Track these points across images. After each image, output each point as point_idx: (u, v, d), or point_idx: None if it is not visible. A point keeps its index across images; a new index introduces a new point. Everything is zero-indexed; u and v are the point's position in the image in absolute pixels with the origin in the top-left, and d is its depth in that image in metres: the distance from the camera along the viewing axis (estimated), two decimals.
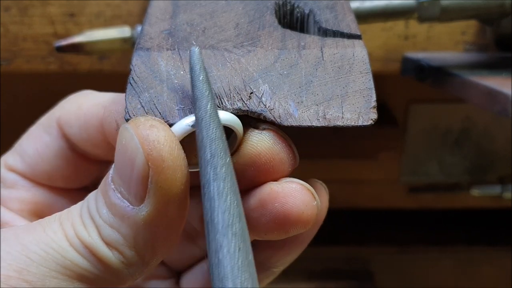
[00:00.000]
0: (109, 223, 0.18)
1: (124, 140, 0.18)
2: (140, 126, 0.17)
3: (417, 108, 0.46)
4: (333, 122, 0.19)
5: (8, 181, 0.24)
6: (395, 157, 0.48)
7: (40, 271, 0.18)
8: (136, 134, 0.17)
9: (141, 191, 0.18)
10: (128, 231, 0.18)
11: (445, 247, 0.55)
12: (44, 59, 0.36)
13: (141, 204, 0.18)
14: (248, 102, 0.19)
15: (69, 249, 0.18)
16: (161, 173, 0.17)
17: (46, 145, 0.24)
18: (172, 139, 0.17)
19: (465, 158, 0.48)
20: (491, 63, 0.35)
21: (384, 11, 0.31)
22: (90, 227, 0.18)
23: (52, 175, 0.24)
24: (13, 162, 0.24)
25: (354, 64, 0.20)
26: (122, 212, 0.18)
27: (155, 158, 0.17)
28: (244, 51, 0.21)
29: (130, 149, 0.17)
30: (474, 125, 0.47)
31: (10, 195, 0.24)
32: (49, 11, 0.35)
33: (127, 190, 0.18)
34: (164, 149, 0.17)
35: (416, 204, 0.51)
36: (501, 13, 0.31)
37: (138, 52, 0.20)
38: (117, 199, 0.18)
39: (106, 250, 0.18)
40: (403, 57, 0.36)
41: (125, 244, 0.18)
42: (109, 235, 0.18)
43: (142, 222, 0.18)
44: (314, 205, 0.19)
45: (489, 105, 0.28)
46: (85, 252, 0.18)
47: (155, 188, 0.17)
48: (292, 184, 0.19)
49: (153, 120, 0.18)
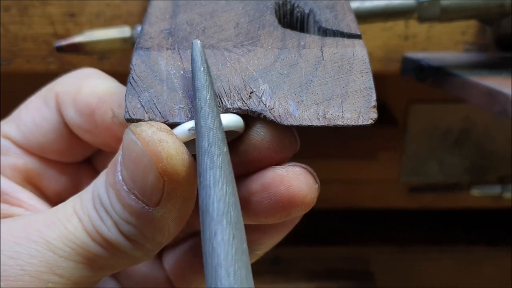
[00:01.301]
0: (126, 220, 0.19)
1: (135, 154, 0.18)
2: (150, 143, 0.18)
3: (417, 108, 0.46)
4: (333, 122, 0.19)
5: (1, 148, 0.25)
6: (395, 157, 0.48)
7: (68, 265, 0.19)
8: (147, 151, 0.18)
9: (156, 197, 0.18)
10: (146, 227, 0.19)
11: (445, 247, 0.55)
12: (44, 59, 0.36)
13: (157, 206, 0.19)
14: (248, 101, 0.19)
15: (91, 243, 0.19)
16: (177, 185, 0.18)
17: (43, 117, 0.24)
18: (181, 149, 0.18)
19: (465, 158, 0.48)
20: (491, 63, 0.35)
21: (384, 11, 0.31)
22: (108, 222, 0.19)
23: (45, 146, 0.25)
24: (8, 130, 0.25)
25: (354, 63, 0.20)
26: (139, 212, 0.19)
27: (170, 173, 0.18)
28: (244, 51, 0.21)
29: (143, 164, 0.18)
30: (474, 125, 0.47)
31: (3, 161, 0.24)
32: (49, 11, 0.35)
33: (142, 194, 0.19)
34: (178, 163, 0.18)
35: (416, 204, 0.51)
36: (501, 13, 0.31)
37: (138, 51, 0.20)
38: (132, 201, 0.19)
39: (126, 243, 0.19)
40: (403, 57, 0.36)
41: (143, 236, 0.19)
42: (127, 231, 0.19)
43: (159, 218, 0.19)
44: (316, 188, 0.20)
45: (489, 105, 0.28)
46: (107, 246, 0.19)
47: (171, 195, 0.18)
48: (296, 168, 0.20)
49: (160, 132, 0.18)
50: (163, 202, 0.18)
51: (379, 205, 0.51)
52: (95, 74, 0.24)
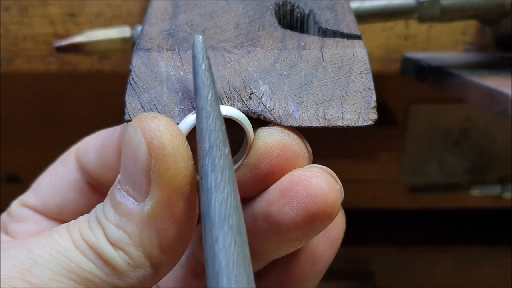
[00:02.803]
0: (114, 222, 0.18)
1: (128, 135, 0.18)
2: (143, 119, 0.18)
3: (417, 108, 0.46)
4: (333, 123, 0.19)
5: (18, 216, 0.24)
6: (395, 157, 0.48)
7: (44, 274, 0.18)
8: (138, 126, 0.17)
9: (144, 184, 0.18)
10: (134, 228, 0.18)
11: (445, 247, 0.55)
12: (44, 59, 0.36)
13: (145, 199, 0.18)
14: (248, 102, 0.19)
15: (74, 252, 0.18)
16: (162, 161, 0.17)
17: (60, 178, 0.24)
18: (173, 128, 0.17)
19: (465, 158, 0.48)
20: (491, 63, 0.35)
21: (384, 11, 0.31)
22: (96, 229, 0.19)
23: (63, 208, 0.25)
24: (27, 198, 0.25)
25: (354, 64, 0.20)
26: (127, 210, 0.18)
27: (156, 146, 0.17)
28: (244, 52, 0.21)
29: (133, 142, 0.18)
30: (474, 125, 0.47)
31: (20, 229, 0.24)
32: (49, 11, 0.35)
33: (132, 186, 0.18)
34: (165, 136, 0.17)
35: (416, 204, 0.51)
36: (501, 13, 0.31)
37: (138, 52, 0.20)
38: (122, 198, 0.18)
39: (111, 250, 0.18)
40: (403, 57, 0.36)
41: (131, 243, 0.18)
42: (114, 234, 0.18)
43: (147, 217, 0.18)
44: (338, 188, 0.19)
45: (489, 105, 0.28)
46: (90, 254, 0.18)
47: (157, 178, 0.17)
48: (313, 168, 0.19)
49: (156, 114, 0.18)
50: (151, 192, 0.17)
51: (379, 205, 0.51)
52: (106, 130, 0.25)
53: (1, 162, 0.46)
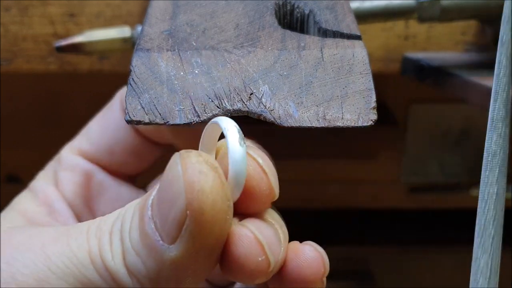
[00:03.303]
0: (136, 250, 0.18)
1: (171, 176, 0.17)
2: (189, 170, 0.17)
3: (417, 108, 0.46)
4: (333, 123, 0.19)
5: (67, 163, 0.25)
6: (395, 157, 0.48)
7: (59, 284, 0.18)
8: (183, 177, 0.17)
9: (174, 233, 0.17)
10: (153, 265, 0.18)
11: (445, 247, 0.55)
12: (44, 59, 0.36)
13: (172, 244, 0.17)
14: (248, 102, 0.19)
15: (89, 268, 0.18)
16: (197, 225, 0.17)
17: (108, 120, 0.25)
18: (218, 191, 0.17)
19: (465, 158, 0.48)
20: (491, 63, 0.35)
21: (384, 11, 0.31)
22: (117, 248, 0.18)
23: (113, 148, 0.25)
24: (77, 143, 0.26)
25: (354, 64, 0.20)
26: (151, 244, 0.17)
27: (195, 210, 0.16)
28: (244, 52, 0.21)
29: (174, 189, 0.17)
30: (474, 125, 0.47)
31: (67, 177, 0.25)
32: (49, 11, 0.35)
33: (161, 225, 0.17)
34: (207, 202, 0.16)
35: (416, 204, 0.51)
36: (501, 13, 0.31)
37: (138, 53, 0.20)
38: (150, 229, 0.17)
39: (126, 277, 0.18)
40: (403, 57, 0.36)
41: (147, 277, 0.18)
42: (133, 263, 0.18)
43: (169, 261, 0.17)
44: (260, 260, 0.18)
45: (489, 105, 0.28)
46: (105, 275, 0.18)
47: (189, 236, 0.17)
48: (242, 231, 0.18)
49: (204, 164, 0.17)
50: (179, 242, 0.17)
51: (379, 205, 0.51)
52: None
53: (1, 162, 0.46)
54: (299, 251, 0.20)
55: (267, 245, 0.18)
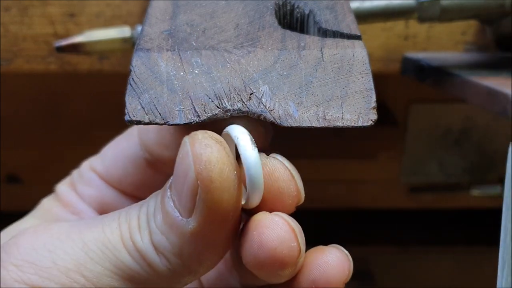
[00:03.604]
0: (160, 229, 0.19)
1: (182, 154, 0.18)
2: (196, 144, 0.18)
3: (417, 108, 0.46)
4: (333, 123, 0.19)
5: (86, 179, 0.27)
6: (395, 157, 0.48)
7: (96, 269, 0.19)
8: (191, 151, 0.18)
9: (189, 205, 0.18)
10: (176, 240, 0.19)
11: (445, 247, 0.55)
12: (44, 59, 0.36)
13: (189, 217, 0.19)
14: (248, 102, 0.19)
15: (122, 251, 0.20)
16: (208, 193, 0.18)
17: (122, 151, 0.26)
18: (224, 160, 0.18)
19: (465, 158, 0.48)
20: (491, 63, 0.35)
21: (384, 11, 0.31)
22: (144, 230, 0.20)
23: (122, 179, 0.27)
24: (95, 163, 0.27)
25: (354, 64, 0.20)
26: (172, 221, 0.19)
27: (204, 178, 0.18)
28: (244, 52, 0.21)
29: (184, 164, 0.18)
30: (474, 125, 0.47)
31: (86, 191, 0.27)
32: (49, 11, 0.35)
33: (179, 201, 0.19)
34: (214, 170, 0.18)
35: (416, 204, 0.51)
36: (501, 13, 0.31)
37: (138, 53, 0.20)
38: (170, 207, 0.19)
39: (154, 255, 0.19)
40: (403, 57, 0.36)
41: (172, 252, 0.19)
42: (158, 241, 0.19)
43: (189, 234, 0.19)
44: (292, 245, 0.19)
45: (489, 105, 0.28)
46: (136, 256, 0.20)
47: (202, 205, 0.18)
48: (275, 217, 0.19)
49: (209, 139, 0.18)
50: (195, 214, 0.18)
51: (379, 205, 0.51)
52: None
53: (1, 162, 0.45)
54: (325, 253, 0.21)
55: (299, 232, 0.19)
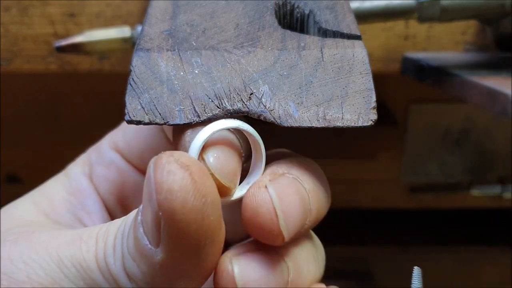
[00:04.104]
0: (132, 255, 0.18)
1: (146, 178, 0.17)
2: (159, 170, 0.16)
3: (417, 108, 0.46)
4: (333, 123, 0.19)
5: (106, 159, 0.26)
6: (395, 157, 0.48)
7: (69, 286, 0.19)
8: (153, 177, 0.16)
9: (156, 235, 0.17)
10: (146, 269, 0.18)
11: (445, 247, 0.55)
12: (44, 59, 0.36)
13: (157, 247, 0.17)
14: (248, 102, 0.19)
15: (96, 272, 0.19)
16: (171, 225, 0.16)
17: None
18: (188, 188, 0.16)
19: (465, 158, 0.48)
20: (491, 63, 0.35)
21: (384, 11, 0.31)
22: (118, 253, 0.19)
23: (144, 153, 0.25)
24: (116, 137, 0.26)
25: (354, 64, 0.20)
26: (141, 248, 0.18)
27: (166, 210, 0.16)
28: (244, 52, 0.21)
29: (148, 191, 0.17)
30: (474, 125, 0.47)
31: (104, 174, 0.26)
32: (49, 11, 0.35)
33: (146, 228, 0.18)
34: (176, 201, 0.16)
35: (416, 204, 0.51)
36: (501, 13, 0.31)
37: (138, 53, 0.20)
38: (140, 234, 0.18)
39: (127, 281, 0.18)
40: (403, 57, 0.36)
41: (143, 281, 0.18)
42: (130, 268, 0.18)
43: (159, 265, 0.17)
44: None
45: (489, 105, 0.28)
46: (110, 279, 0.19)
47: (167, 237, 0.17)
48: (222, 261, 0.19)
49: (173, 163, 0.16)
50: (162, 244, 0.17)
51: (379, 205, 0.51)
52: None
53: (1, 162, 0.46)
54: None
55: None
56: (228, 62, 0.20)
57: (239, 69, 0.20)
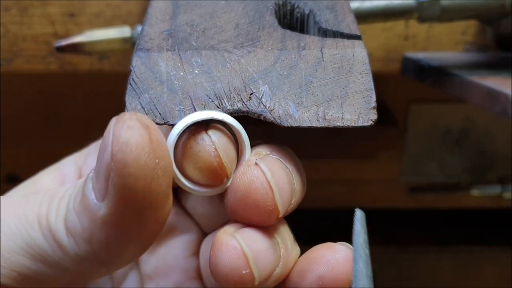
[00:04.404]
0: (75, 209, 0.18)
1: (105, 132, 0.17)
2: (119, 123, 0.16)
3: (417, 108, 0.46)
4: (333, 123, 0.19)
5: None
6: (395, 157, 0.48)
7: (8, 246, 0.18)
8: (112, 129, 0.16)
9: (103, 188, 0.17)
10: (87, 224, 0.18)
11: (445, 247, 0.55)
12: (44, 59, 0.36)
13: (102, 201, 0.17)
14: (248, 102, 0.19)
15: (36, 229, 0.18)
16: (120, 177, 0.16)
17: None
18: (144, 146, 0.16)
19: (465, 158, 0.48)
20: (491, 63, 0.35)
21: (384, 11, 0.31)
22: (62, 210, 0.18)
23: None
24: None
25: (354, 64, 0.20)
26: (86, 203, 0.18)
27: (118, 160, 0.16)
28: (244, 52, 0.21)
29: (104, 143, 0.17)
30: (474, 125, 0.47)
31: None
32: (49, 11, 0.35)
33: (95, 183, 0.17)
34: (130, 154, 0.16)
35: (416, 204, 0.51)
36: (501, 13, 0.31)
37: (138, 53, 0.20)
38: (88, 189, 0.18)
39: (64, 236, 0.18)
40: (403, 57, 0.36)
41: (82, 236, 0.18)
42: (71, 222, 0.18)
43: (100, 220, 0.17)
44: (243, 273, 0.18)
45: (489, 105, 0.28)
46: (48, 235, 0.18)
47: (113, 190, 0.17)
48: (230, 240, 0.19)
49: (135, 120, 0.17)
50: (107, 198, 0.17)
51: (379, 205, 0.51)
52: None
53: (1, 162, 0.46)
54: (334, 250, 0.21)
55: (254, 259, 0.19)
56: (228, 62, 0.20)
57: (239, 69, 0.20)
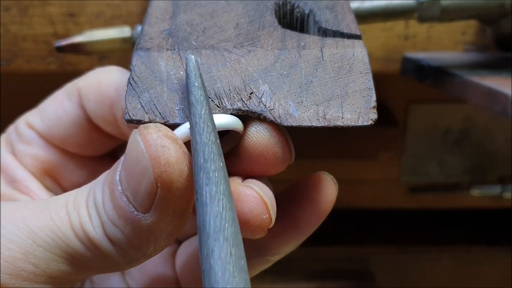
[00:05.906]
0: (113, 222, 0.19)
1: (135, 154, 0.18)
2: (152, 146, 0.18)
3: (417, 108, 0.46)
4: (333, 122, 0.19)
5: (25, 137, 0.25)
6: (395, 157, 0.48)
7: (45, 256, 0.19)
8: (148, 153, 0.18)
9: (147, 203, 0.18)
10: (132, 233, 0.19)
11: (445, 247, 0.55)
12: (44, 59, 0.36)
13: (146, 213, 0.18)
14: (248, 102, 0.19)
15: (73, 239, 0.19)
16: (169, 193, 0.18)
17: (65, 110, 0.25)
18: (182, 160, 0.18)
19: (465, 158, 0.48)
20: (491, 63, 0.35)
21: (384, 11, 0.31)
22: (95, 221, 0.19)
23: (66, 139, 0.25)
24: (34, 120, 0.26)
25: (354, 64, 0.20)
26: (127, 216, 0.19)
27: (165, 181, 0.18)
28: (244, 51, 0.21)
29: (140, 166, 0.18)
30: (474, 125, 0.47)
31: (26, 150, 0.25)
32: (49, 11, 0.35)
33: (134, 198, 0.18)
34: (174, 172, 0.18)
35: (416, 204, 0.51)
36: (501, 13, 0.31)
37: (138, 52, 0.20)
38: (124, 203, 0.19)
39: (109, 246, 0.19)
40: (403, 57, 0.36)
41: (128, 243, 0.19)
42: (113, 233, 0.19)
43: (147, 228, 0.19)
44: (264, 218, 0.19)
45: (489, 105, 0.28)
46: (89, 244, 0.19)
47: (162, 203, 0.18)
48: (248, 190, 0.20)
49: (165, 139, 0.18)
50: (153, 211, 0.18)
51: (379, 205, 0.51)
52: (116, 69, 0.25)
53: None
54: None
55: (271, 204, 0.20)
56: (228, 62, 0.20)
57: (239, 68, 0.20)
